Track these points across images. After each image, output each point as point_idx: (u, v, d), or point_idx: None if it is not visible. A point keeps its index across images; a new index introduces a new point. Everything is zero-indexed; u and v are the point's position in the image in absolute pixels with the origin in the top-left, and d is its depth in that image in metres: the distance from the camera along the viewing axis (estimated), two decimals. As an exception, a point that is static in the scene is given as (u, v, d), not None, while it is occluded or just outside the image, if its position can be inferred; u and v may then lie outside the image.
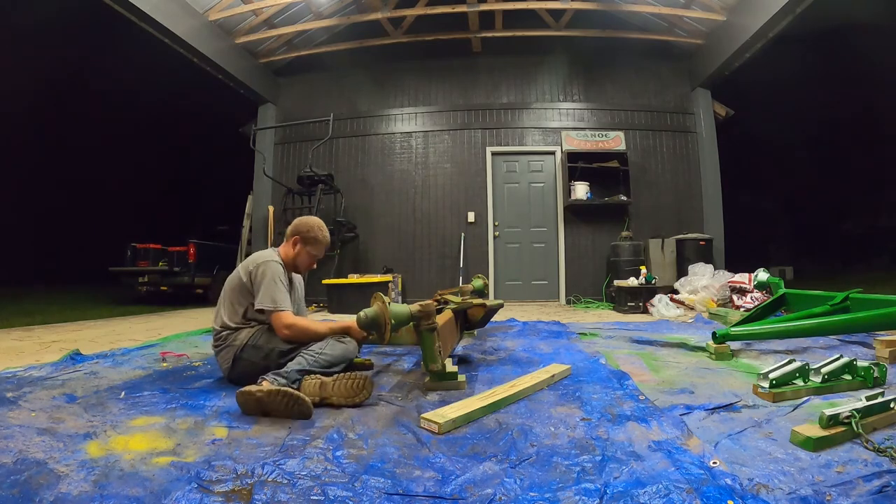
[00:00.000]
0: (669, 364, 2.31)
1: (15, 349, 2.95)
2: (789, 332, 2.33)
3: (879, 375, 1.74)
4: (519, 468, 1.14)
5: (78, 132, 19.14)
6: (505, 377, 2.03)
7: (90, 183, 19.62)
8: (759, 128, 17.36)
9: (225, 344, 1.95)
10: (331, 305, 5.63)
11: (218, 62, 6.09)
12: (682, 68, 7.02)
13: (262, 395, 1.53)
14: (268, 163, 7.03)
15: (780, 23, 5.20)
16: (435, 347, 1.82)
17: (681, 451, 1.18)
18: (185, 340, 3.21)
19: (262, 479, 1.07)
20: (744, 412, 1.52)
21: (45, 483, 1.05)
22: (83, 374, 2.14)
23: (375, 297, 1.86)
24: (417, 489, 1.04)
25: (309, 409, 1.53)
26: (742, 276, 4.84)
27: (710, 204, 6.68)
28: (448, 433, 1.39)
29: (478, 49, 7.03)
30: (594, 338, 3.22)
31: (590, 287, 6.56)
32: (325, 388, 1.66)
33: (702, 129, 6.80)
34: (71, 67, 17.92)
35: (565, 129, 6.85)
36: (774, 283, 3.16)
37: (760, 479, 1.04)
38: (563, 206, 6.64)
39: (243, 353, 1.91)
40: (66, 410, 1.60)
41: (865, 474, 1.04)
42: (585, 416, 1.51)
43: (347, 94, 7.28)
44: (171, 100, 18.15)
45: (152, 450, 1.26)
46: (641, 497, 0.97)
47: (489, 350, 2.77)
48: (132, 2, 4.73)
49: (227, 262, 7.52)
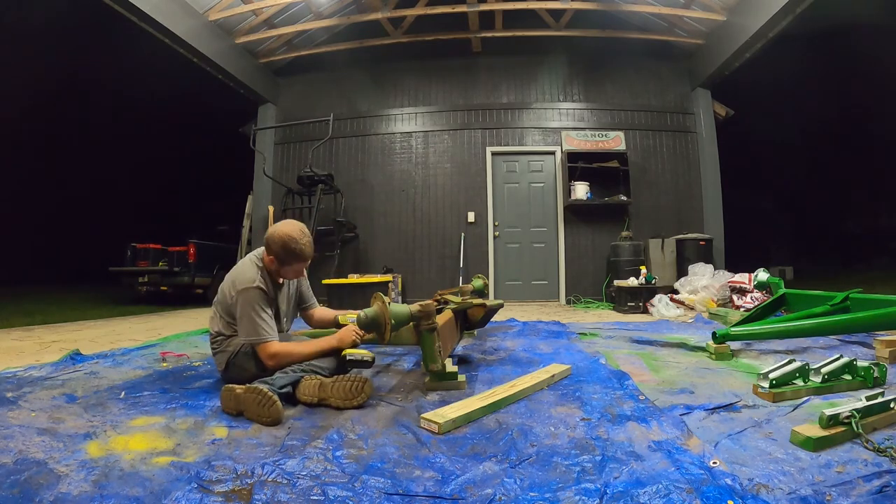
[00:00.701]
0: (669, 364, 2.31)
1: (15, 349, 2.95)
2: (789, 332, 2.33)
3: (879, 375, 1.74)
4: (519, 468, 1.14)
5: (77, 132, 19.16)
6: (505, 377, 2.03)
7: (90, 183, 19.63)
8: (759, 128, 17.36)
9: (220, 348, 1.96)
10: (331, 305, 5.63)
11: (218, 62, 6.10)
12: (682, 68, 7.02)
13: (239, 392, 1.55)
14: (268, 163, 7.04)
15: (780, 23, 5.20)
16: (435, 347, 1.82)
17: (681, 451, 1.18)
18: (185, 340, 3.21)
19: (262, 479, 1.07)
20: (744, 412, 1.52)
21: (45, 483, 1.05)
22: (83, 374, 2.14)
23: (375, 297, 1.86)
24: (417, 489, 1.04)
25: (279, 413, 1.49)
26: (742, 276, 4.84)
27: (710, 204, 6.68)
28: (448, 433, 1.39)
29: (478, 49, 7.03)
30: (594, 338, 3.22)
31: (590, 287, 6.56)
32: (325, 388, 1.66)
33: (702, 129, 6.80)
34: (71, 67, 17.91)
35: (565, 129, 6.85)
36: (774, 283, 3.16)
37: (760, 479, 1.04)
38: (563, 206, 6.64)
39: (236, 359, 1.91)
40: (66, 410, 1.60)
41: (865, 474, 1.04)
42: (585, 416, 1.51)
43: (347, 94, 7.29)
44: (171, 100, 18.14)
45: (152, 450, 1.26)
46: (641, 497, 0.97)
47: (489, 350, 2.77)
48: (132, 2, 4.73)
49: (227, 262, 7.49)
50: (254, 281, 1.88)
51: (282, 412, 1.51)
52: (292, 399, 1.70)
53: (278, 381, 1.66)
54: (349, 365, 1.88)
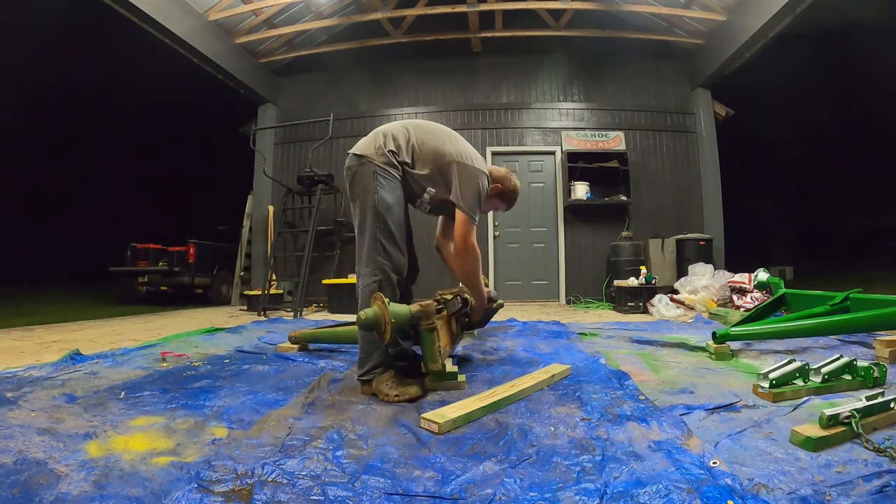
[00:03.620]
0: (669, 364, 2.31)
1: (15, 349, 2.95)
2: (789, 332, 2.33)
3: (879, 375, 1.74)
4: (519, 468, 1.14)
5: (77, 132, 19.16)
6: (505, 377, 2.03)
7: (90, 183, 19.63)
8: (759, 128, 17.38)
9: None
10: (331, 305, 5.63)
11: (218, 62, 6.09)
12: (682, 68, 7.01)
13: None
14: (268, 163, 7.03)
15: (780, 23, 5.20)
16: (435, 347, 1.82)
17: (681, 451, 1.18)
18: (185, 340, 3.21)
19: (262, 479, 1.07)
20: (744, 412, 1.52)
21: (45, 483, 1.05)
22: (83, 374, 2.14)
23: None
24: (417, 489, 1.04)
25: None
26: (742, 276, 4.84)
27: (710, 204, 6.68)
28: (448, 433, 1.39)
29: (478, 49, 7.02)
30: (594, 338, 3.22)
31: (590, 287, 6.56)
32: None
33: (702, 129, 6.80)
34: (70, 67, 17.92)
35: (565, 129, 6.85)
36: (774, 283, 3.16)
37: (760, 479, 1.04)
38: (563, 206, 6.64)
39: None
40: (66, 410, 1.60)
41: (865, 474, 1.04)
42: (585, 416, 1.51)
43: (347, 94, 7.28)
44: (171, 100, 18.16)
45: (152, 450, 1.26)
46: (641, 497, 0.97)
47: (489, 350, 2.77)
48: (132, 2, 4.73)
49: (227, 262, 7.52)
50: (483, 170, 2.01)
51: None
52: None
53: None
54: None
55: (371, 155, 1.92)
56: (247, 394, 1.82)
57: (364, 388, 1.82)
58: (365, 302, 1.87)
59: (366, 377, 1.82)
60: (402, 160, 1.93)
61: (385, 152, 1.92)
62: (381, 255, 1.86)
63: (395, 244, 1.88)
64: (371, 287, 1.86)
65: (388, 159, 1.91)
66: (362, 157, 1.93)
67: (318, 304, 6.25)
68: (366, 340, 1.86)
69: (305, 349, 2.74)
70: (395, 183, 1.92)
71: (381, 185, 1.88)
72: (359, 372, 1.85)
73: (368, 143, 1.97)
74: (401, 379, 1.78)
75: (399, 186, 1.93)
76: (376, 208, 1.86)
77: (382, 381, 1.76)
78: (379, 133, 1.99)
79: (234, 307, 6.69)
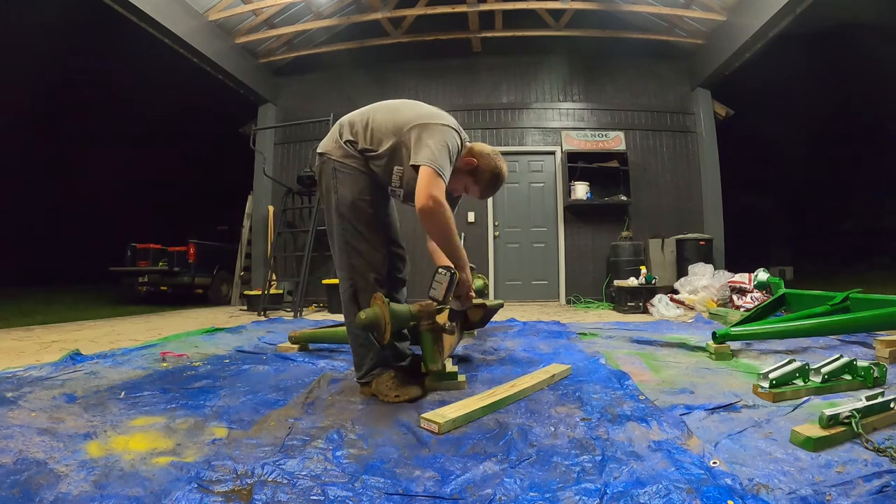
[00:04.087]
0: (669, 364, 2.31)
1: (15, 349, 2.95)
2: (789, 332, 2.33)
3: (879, 375, 1.74)
4: (519, 468, 1.14)
5: (77, 132, 19.16)
6: (505, 377, 2.03)
7: (90, 183, 19.62)
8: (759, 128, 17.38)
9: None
10: (331, 305, 5.63)
11: (218, 62, 6.10)
12: (682, 68, 7.02)
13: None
14: (268, 163, 7.03)
15: (780, 23, 5.20)
16: (435, 347, 1.82)
17: (681, 451, 1.18)
18: (185, 340, 3.21)
19: (262, 479, 1.07)
20: (744, 412, 1.52)
21: (45, 483, 1.05)
22: (83, 374, 2.14)
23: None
24: (417, 489, 1.04)
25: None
26: (742, 276, 4.85)
27: (710, 204, 6.68)
28: (448, 433, 1.39)
29: (478, 49, 7.02)
30: (594, 338, 3.22)
31: (590, 287, 6.56)
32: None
33: (702, 129, 6.80)
34: (70, 67, 17.93)
35: (565, 129, 6.85)
36: (774, 283, 3.16)
37: (760, 479, 1.04)
38: (563, 206, 6.64)
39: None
40: (66, 410, 1.60)
41: (865, 474, 1.04)
42: (585, 416, 1.51)
43: (347, 94, 7.27)
44: (171, 100, 18.15)
45: (152, 450, 1.26)
46: (641, 497, 0.97)
47: (489, 350, 2.77)
48: (132, 2, 4.73)
49: (227, 262, 7.52)
50: (453, 126, 1.73)
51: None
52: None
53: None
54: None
55: (330, 151, 1.79)
56: (247, 394, 1.82)
57: (364, 388, 1.82)
58: (347, 310, 1.81)
59: (365, 379, 1.81)
60: (362, 148, 1.76)
61: (342, 144, 1.78)
62: (352, 257, 1.75)
63: (367, 240, 1.75)
64: (348, 293, 1.78)
65: (346, 151, 1.77)
66: (323, 154, 1.80)
67: (318, 304, 6.25)
68: (357, 344, 1.82)
69: (305, 349, 2.74)
70: (355, 175, 1.75)
71: (340, 181, 1.74)
72: (357, 375, 1.85)
73: (328, 137, 1.84)
74: (401, 379, 1.77)
75: (362, 177, 1.76)
76: (339, 209, 1.75)
77: (382, 382, 1.75)
78: (338, 124, 1.85)
79: (234, 307, 6.70)
